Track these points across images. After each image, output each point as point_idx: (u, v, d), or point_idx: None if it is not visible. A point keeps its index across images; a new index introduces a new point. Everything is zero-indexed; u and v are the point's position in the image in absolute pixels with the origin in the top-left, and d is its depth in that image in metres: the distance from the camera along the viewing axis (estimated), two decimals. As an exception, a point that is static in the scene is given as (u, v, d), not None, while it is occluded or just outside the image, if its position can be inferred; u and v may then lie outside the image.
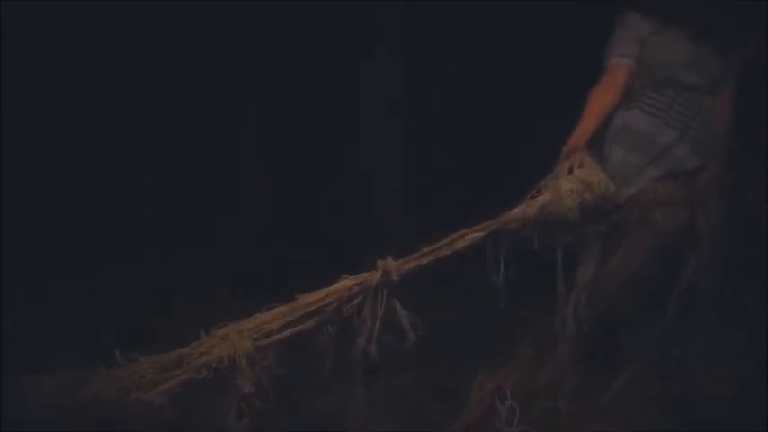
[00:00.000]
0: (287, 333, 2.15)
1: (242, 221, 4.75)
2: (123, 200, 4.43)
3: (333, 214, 4.76)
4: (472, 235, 2.30)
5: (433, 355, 2.70)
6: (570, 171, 2.40)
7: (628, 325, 2.58)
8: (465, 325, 3.23)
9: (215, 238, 4.58)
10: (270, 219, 4.78)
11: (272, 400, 2.09)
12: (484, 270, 2.34)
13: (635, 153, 2.55)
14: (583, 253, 2.49)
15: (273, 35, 4.62)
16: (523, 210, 2.34)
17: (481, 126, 4.68)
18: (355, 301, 2.19)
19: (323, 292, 2.20)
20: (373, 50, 4.81)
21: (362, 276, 2.21)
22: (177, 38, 4.35)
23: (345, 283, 2.21)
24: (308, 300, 2.19)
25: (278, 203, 4.85)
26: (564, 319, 2.51)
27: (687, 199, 2.53)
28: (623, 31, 2.61)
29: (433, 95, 4.88)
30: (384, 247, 2.32)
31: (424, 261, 2.26)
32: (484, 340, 2.87)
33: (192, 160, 4.65)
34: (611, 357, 2.63)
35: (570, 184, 2.35)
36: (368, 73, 4.83)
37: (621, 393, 2.59)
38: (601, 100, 2.55)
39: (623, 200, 2.45)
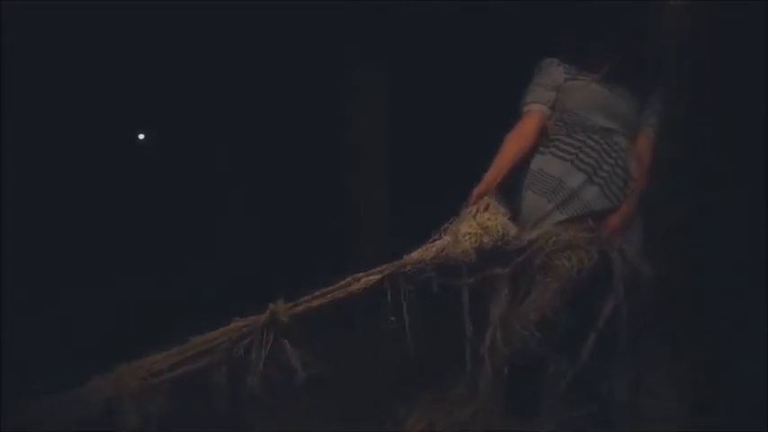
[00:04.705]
0: (177, 372, 2.22)
1: (240, 226, 4.84)
2: (122, 203, 4.53)
3: (326, 220, 4.79)
4: (368, 278, 2.33)
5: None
6: (475, 215, 2.42)
7: (543, 367, 2.56)
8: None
9: (215, 242, 4.68)
10: (266, 226, 4.85)
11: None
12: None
13: (545, 197, 2.56)
14: (492, 294, 2.50)
15: (259, 50, 4.65)
16: (421, 253, 2.37)
17: (471, 135, 4.62)
18: (245, 341, 2.25)
19: (216, 332, 2.26)
20: (361, 61, 4.78)
21: (252, 318, 2.27)
22: (170, 41, 4.40)
23: (237, 324, 2.27)
24: (200, 340, 2.25)
25: (273, 212, 4.91)
26: (480, 358, 2.52)
27: (594, 241, 2.49)
28: (540, 78, 2.64)
29: (420, 106, 4.84)
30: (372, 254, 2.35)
31: (315, 303, 2.30)
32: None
33: (190, 162, 4.75)
34: (529, 399, 2.61)
35: (469, 228, 2.38)
36: (354, 84, 4.80)
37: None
38: (513, 147, 2.60)
39: (525, 243, 2.45)
